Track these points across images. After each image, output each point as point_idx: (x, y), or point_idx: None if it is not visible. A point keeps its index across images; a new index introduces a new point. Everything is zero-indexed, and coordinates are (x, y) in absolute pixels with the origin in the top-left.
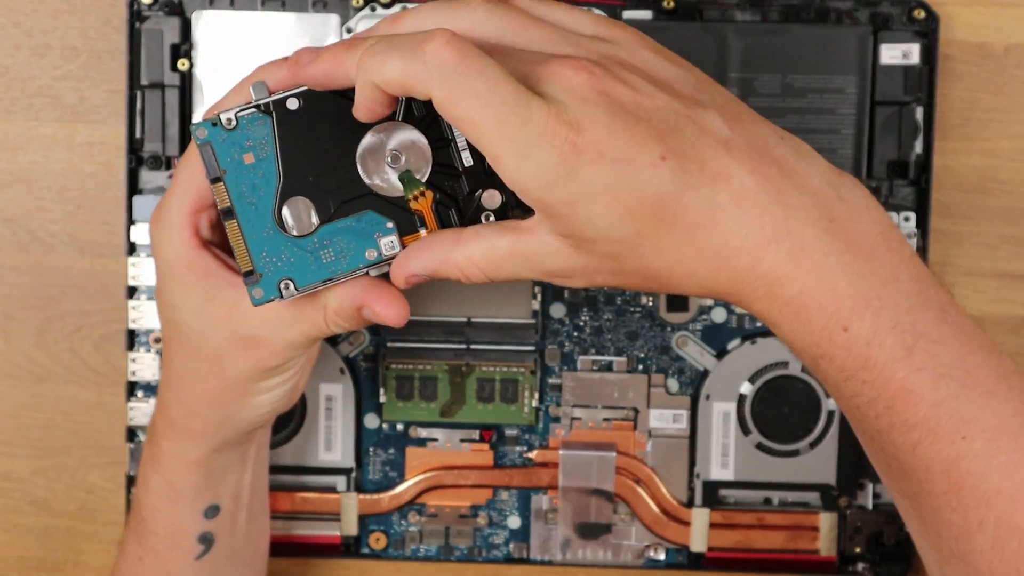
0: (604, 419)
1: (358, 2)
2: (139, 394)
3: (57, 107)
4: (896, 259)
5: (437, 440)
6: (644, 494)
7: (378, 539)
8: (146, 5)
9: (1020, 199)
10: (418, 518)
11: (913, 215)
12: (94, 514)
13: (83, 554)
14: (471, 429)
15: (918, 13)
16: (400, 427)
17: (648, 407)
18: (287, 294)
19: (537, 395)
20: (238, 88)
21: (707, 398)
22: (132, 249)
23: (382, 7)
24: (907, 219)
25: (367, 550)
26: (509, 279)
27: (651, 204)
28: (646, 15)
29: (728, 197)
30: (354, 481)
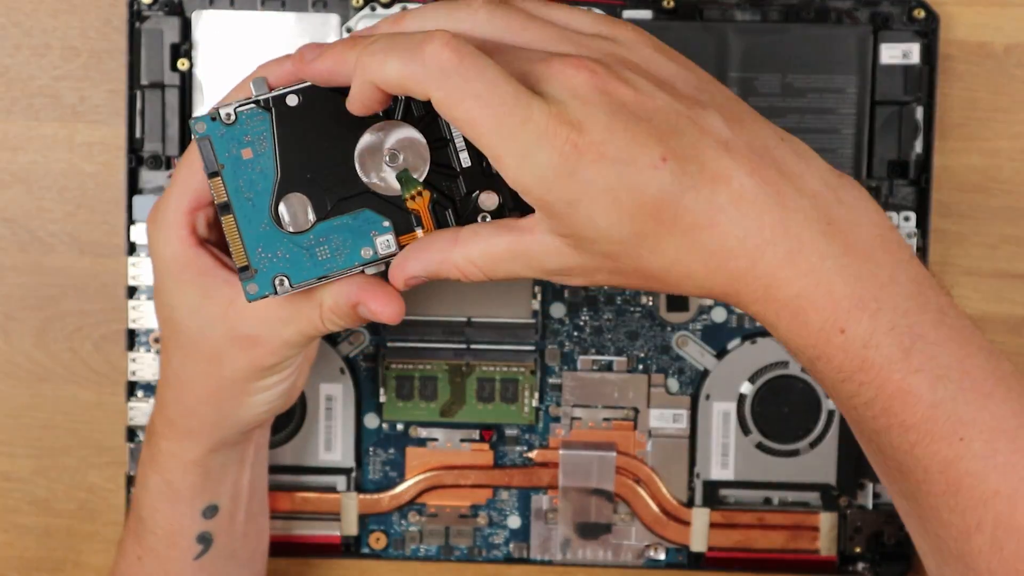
0: (604, 419)
1: (358, 2)
2: (139, 394)
3: (57, 107)
4: (895, 261)
5: (437, 440)
6: (644, 494)
7: (378, 539)
8: (146, 5)
9: (1020, 199)
10: (418, 518)
11: (913, 215)
12: (94, 514)
13: (83, 554)
14: (471, 429)
15: (918, 13)
16: (400, 427)
17: (648, 407)
18: (282, 290)
19: (537, 395)
20: (240, 86)
21: (707, 398)
22: (132, 249)
23: (382, 7)
24: (907, 219)
25: (367, 550)
26: (508, 278)
27: (651, 205)
28: (646, 15)
29: (727, 198)
30: (354, 481)
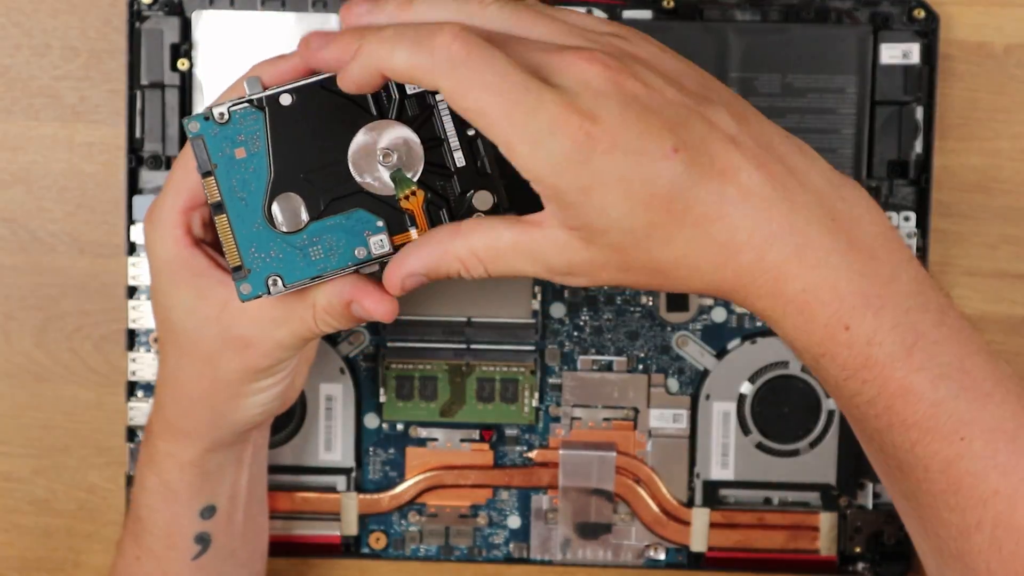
0: (604, 419)
1: None
2: (139, 394)
3: (57, 107)
4: (896, 260)
5: (437, 440)
6: (644, 494)
7: (378, 539)
8: (146, 5)
9: (1020, 199)
10: (418, 518)
11: (913, 215)
12: (94, 514)
13: (83, 554)
14: (471, 429)
15: (918, 13)
16: (400, 427)
17: (648, 407)
18: (275, 290)
19: (537, 395)
20: (235, 85)
21: (707, 398)
22: (132, 249)
23: None
24: (907, 219)
25: (367, 550)
26: (510, 274)
27: (663, 195)
28: (646, 15)
29: (736, 192)
30: (354, 481)
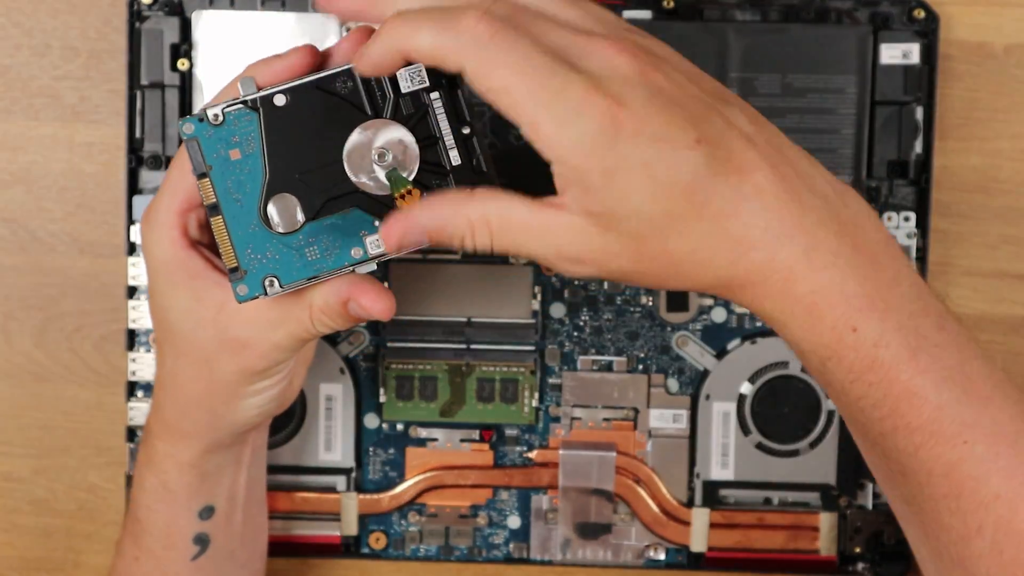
0: (604, 419)
1: None
2: (139, 394)
3: (57, 107)
4: (897, 266)
5: (437, 440)
6: (644, 494)
7: (378, 539)
8: (146, 5)
9: (1020, 199)
10: (418, 518)
11: (913, 215)
12: (94, 514)
13: (83, 554)
14: (471, 429)
15: (918, 13)
16: (400, 427)
17: (648, 407)
18: (271, 291)
19: (537, 395)
20: (229, 87)
21: (707, 398)
22: (132, 249)
23: None
24: (907, 219)
25: (367, 550)
26: (514, 252)
27: (684, 185)
28: (646, 15)
29: (751, 189)
30: (354, 481)
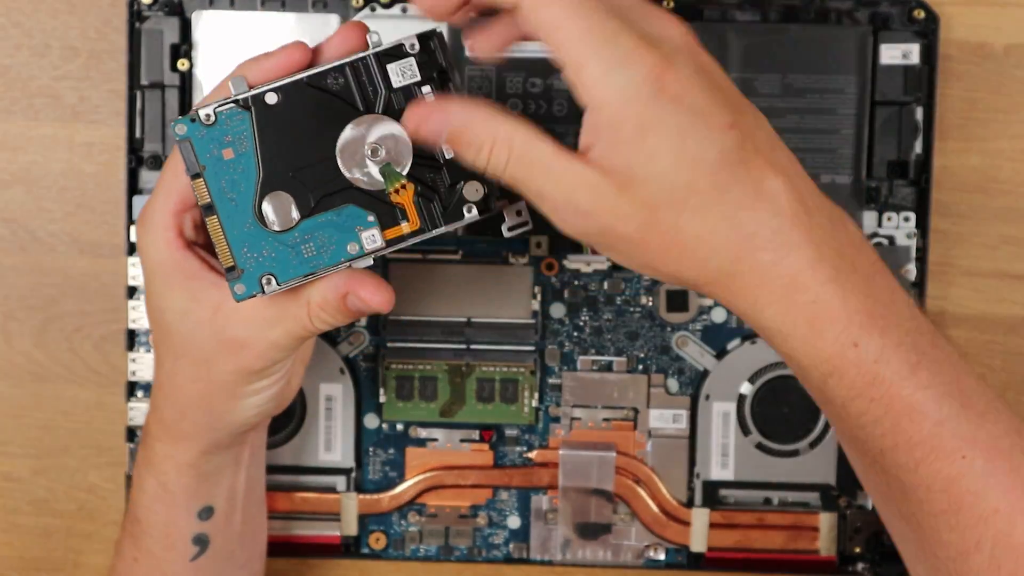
0: (604, 419)
1: (358, 2)
2: (139, 394)
3: (57, 107)
4: (891, 287)
5: (437, 440)
6: (644, 494)
7: (378, 539)
8: (146, 5)
9: (1020, 199)
10: (418, 518)
11: (913, 215)
12: (94, 514)
13: (83, 554)
14: (471, 429)
15: (918, 13)
16: (400, 427)
17: (648, 407)
18: (269, 289)
19: (537, 395)
20: (221, 86)
21: (707, 398)
22: (132, 249)
23: (382, 7)
24: (907, 219)
25: (367, 550)
26: (524, 187)
27: (711, 163)
28: None
29: (770, 190)
30: (354, 481)
